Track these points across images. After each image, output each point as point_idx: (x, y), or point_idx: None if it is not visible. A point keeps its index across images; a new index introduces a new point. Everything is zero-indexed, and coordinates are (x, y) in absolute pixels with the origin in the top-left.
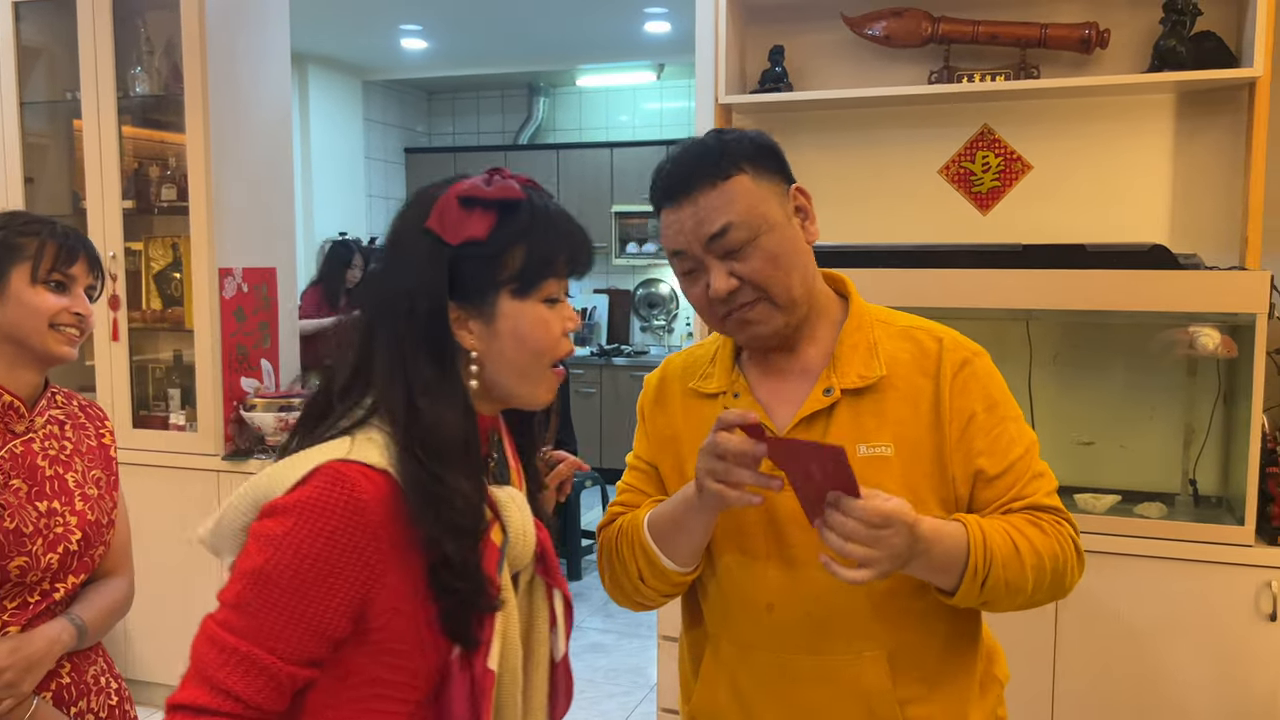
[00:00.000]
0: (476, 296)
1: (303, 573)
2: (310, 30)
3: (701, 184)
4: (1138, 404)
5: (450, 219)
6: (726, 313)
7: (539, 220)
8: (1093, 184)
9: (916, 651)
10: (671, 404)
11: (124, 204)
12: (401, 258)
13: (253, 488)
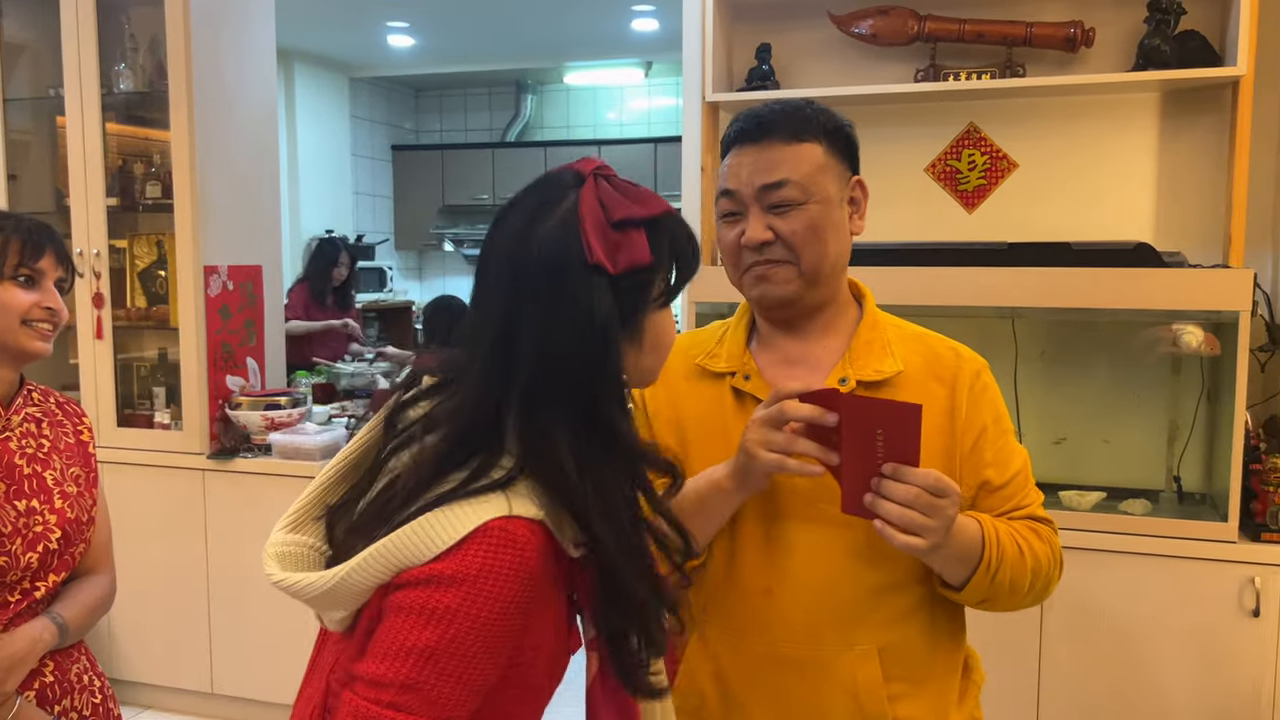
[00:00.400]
0: (632, 320)
1: (477, 643)
2: (296, 26)
3: (776, 136)
4: (1122, 401)
5: (610, 246)
6: (751, 264)
7: (678, 234)
8: (1078, 182)
9: (906, 649)
10: (674, 382)
11: (108, 201)
12: (566, 301)
13: (394, 548)
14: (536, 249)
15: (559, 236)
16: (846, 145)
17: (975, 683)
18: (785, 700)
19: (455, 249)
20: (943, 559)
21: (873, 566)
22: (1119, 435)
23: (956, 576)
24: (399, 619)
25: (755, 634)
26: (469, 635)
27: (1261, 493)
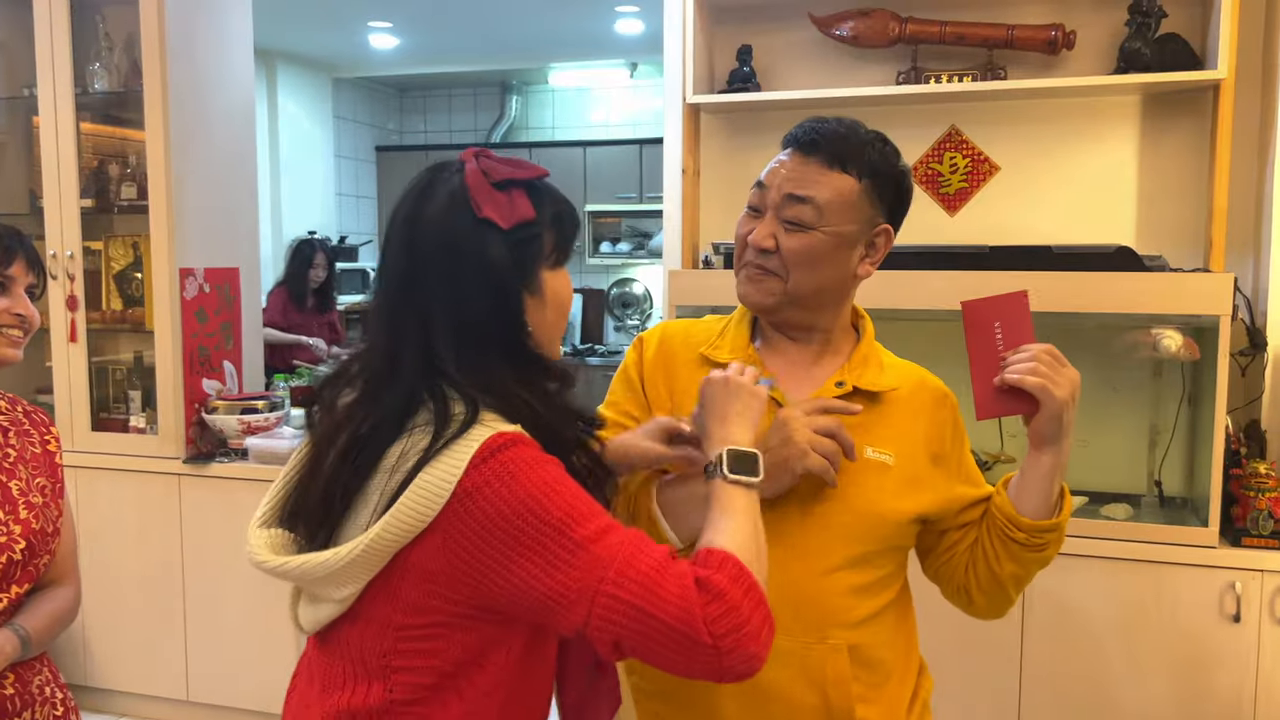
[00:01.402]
0: (529, 275)
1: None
2: (277, 26)
3: (821, 154)
4: (1104, 405)
5: (499, 203)
6: (747, 262)
7: (553, 194)
8: (1060, 185)
9: (872, 649)
10: (675, 369)
11: (83, 203)
12: (467, 257)
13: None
14: (431, 219)
15: (449, 205)
16: (891, 192)
17: (926, 688)
18: (755, 689)
19: None
20: (1058, 456)
21: (855, 567)
22: (1101, 439)
23: (1053, 494)
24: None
25: None
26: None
27: (1242, 497)
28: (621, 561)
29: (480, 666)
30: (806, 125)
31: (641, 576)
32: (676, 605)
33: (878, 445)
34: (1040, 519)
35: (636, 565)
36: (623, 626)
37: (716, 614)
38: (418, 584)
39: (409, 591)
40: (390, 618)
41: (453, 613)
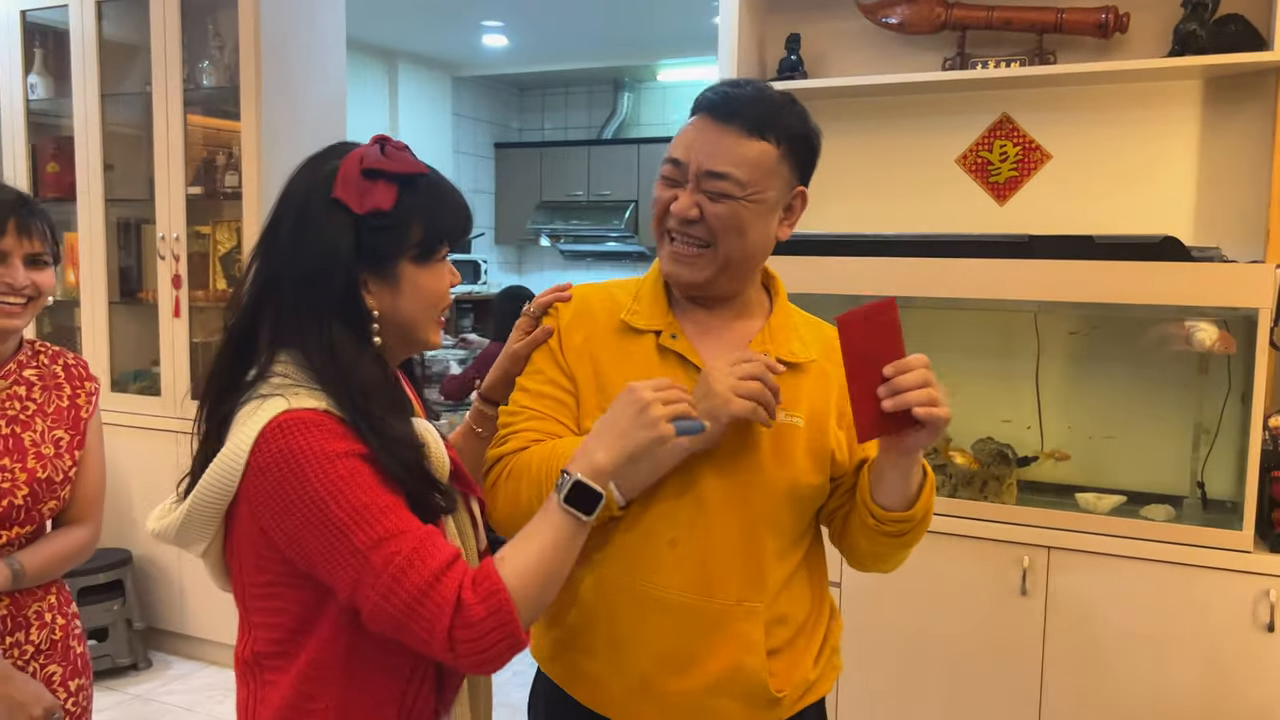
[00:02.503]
0: (381, 263)
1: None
2: (399, 27)
3: (739, 123)
4: (1146, 402)
5: (356, 189)
6: (670, 233)
7: (435, 194)
8: (1115, 174)
9: (785, 607)
10: (596, 331)
11: (192, 190)
12: (310, 226)
13: (217, 474)
14: (297, 186)
15: (314, 179)
16: (805, 154)
17: (835, 633)
18: (670, 645)
19: (551, 244)
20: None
21: (774, 532)
22: (1143, 438)
23: (917, 479)
24: (307, 535)
25: (655, 580)
26: (328, 478)
27: None
28: (391, 576)
29: (321, 619)
30: (720, 91)
31: (406, 595)
32: (428, 625)
33: (791, 410)
34: (897, 511)
35: (405, 582)
36: (383, 626)
37: (462, 637)
38: (245, 548)
39: (245, 552)
40: (240, 575)
41: (280, 571)
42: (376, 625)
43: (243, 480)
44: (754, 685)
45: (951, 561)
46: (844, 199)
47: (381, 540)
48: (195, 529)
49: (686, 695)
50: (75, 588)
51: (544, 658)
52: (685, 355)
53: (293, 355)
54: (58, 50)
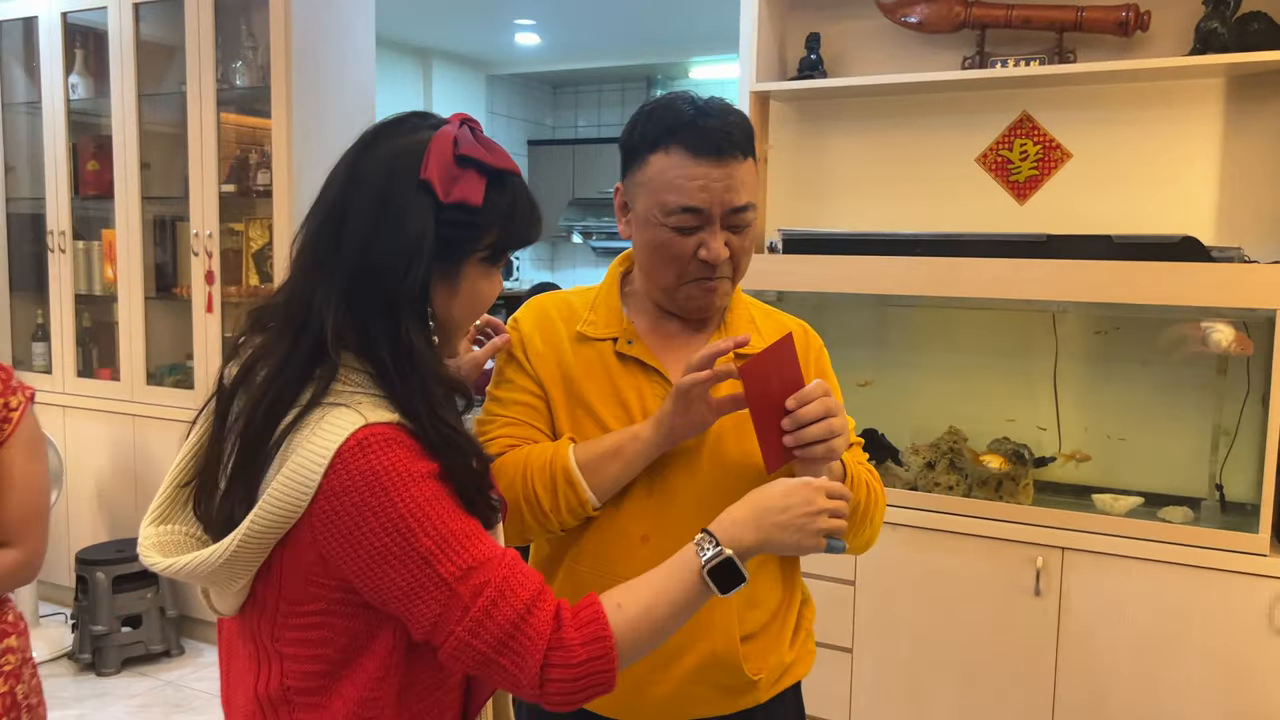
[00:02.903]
0: (450, 261)
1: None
2: (433, 26)
3: (736, 152)
4: (1164, 404)
5: (447, 174)
6: (700, 277)
7: (520, 199)
8: (1136, 173)
9: (758, 594)
10: (558, 342)
11: (226, 187)
12: (392, 209)
13: (285, 496)
14: (381, 152)
15: (403, 149)
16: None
17: (808, 617)
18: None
19: (584, 241)
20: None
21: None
22: (1160, 440)
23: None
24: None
25: (629, 575)
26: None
27: None
28: (481, 609)
29: (369, 651)
30: (711, 126)
31: (498, 629)
32: (520, 661)
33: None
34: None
35: (496, 616)
36: (467, 663)
37: (555, 676)
38: (295, 574)
39: (288, 582)
40: (277, 605)
41: (333, 599)
42: (458, 661)
43: (311, 505)
44: (730, 670)
45: (966, 561)
46: (863, 198)
47: (470, 570)
48: (244, 561)
49: (671, 686)
50: (110, 576)
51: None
52: (643, 360)
53: (356, 358)
54: (98, 51)
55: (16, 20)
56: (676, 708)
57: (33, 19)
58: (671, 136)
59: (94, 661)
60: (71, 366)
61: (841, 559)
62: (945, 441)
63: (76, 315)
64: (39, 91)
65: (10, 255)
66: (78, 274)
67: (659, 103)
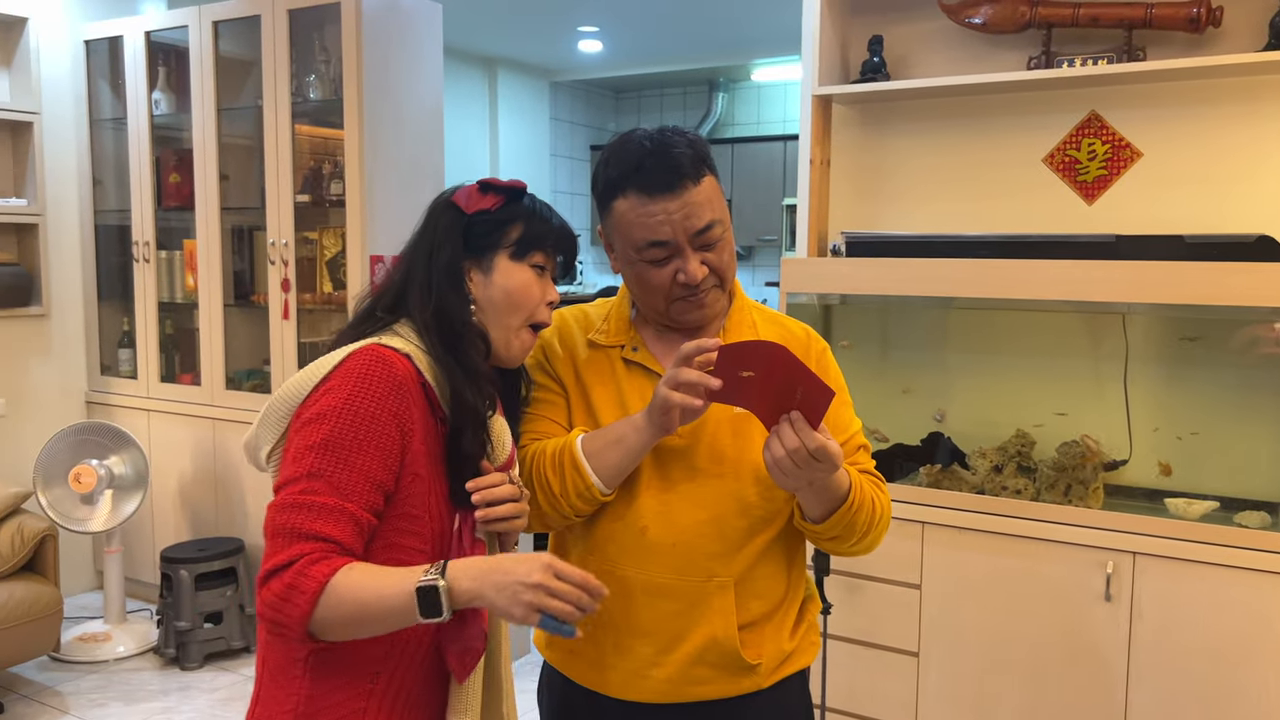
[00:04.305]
0: (481, 252)
1: (362, 433)
2: (498, 35)
3: (686, 180)
4: (1242, 406)
5: (470, 197)
6: (686, 296)
7: (535, 208)
8: (1208, 171)
9: (759, 584)
10: (574, 348)
11: (300, 198)
12: (429, 223)
13: (294, 384)
14: (433, 201)
15: (440, 200)
16: (713, 164)
17: (812, 611)
18: (655, 625)
19: None
20: (809, 496)
21: (740, 512)
22: (1237, 442)
23: (818, 511)
24: (297, 433)
25: (633, 565)
26: (354, 427)
27: None
28: (294, 504)
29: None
30: (654, 165)
31: (286, 523)
32: (271, 555)
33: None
34: (818, 524)
35: (294, 515)
36: (266, 524)
37: (272, 587)
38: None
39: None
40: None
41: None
42: (268, 516)
43: (315, 390)
44: (728, 654)
45: (1034, 565)
46: (928, 201)
47: (325, 475)
48: (266, 427)
49: (672, 669)
50: (192, 574)
51: (542, 645)
52: (647, 365)
53: (408, 320)
54: (179, 68)
55: (103, 40)
56: (678, 689)
57: (119, 38)
58: (626, 182)
59: (178, 656)
60: (155, 372)
61: (908, 561)
62: (1012, 445)
63: (160, 322)
64: (124, 108)
65: (99, 265)
66: (161, 283)
67: (613, 148)
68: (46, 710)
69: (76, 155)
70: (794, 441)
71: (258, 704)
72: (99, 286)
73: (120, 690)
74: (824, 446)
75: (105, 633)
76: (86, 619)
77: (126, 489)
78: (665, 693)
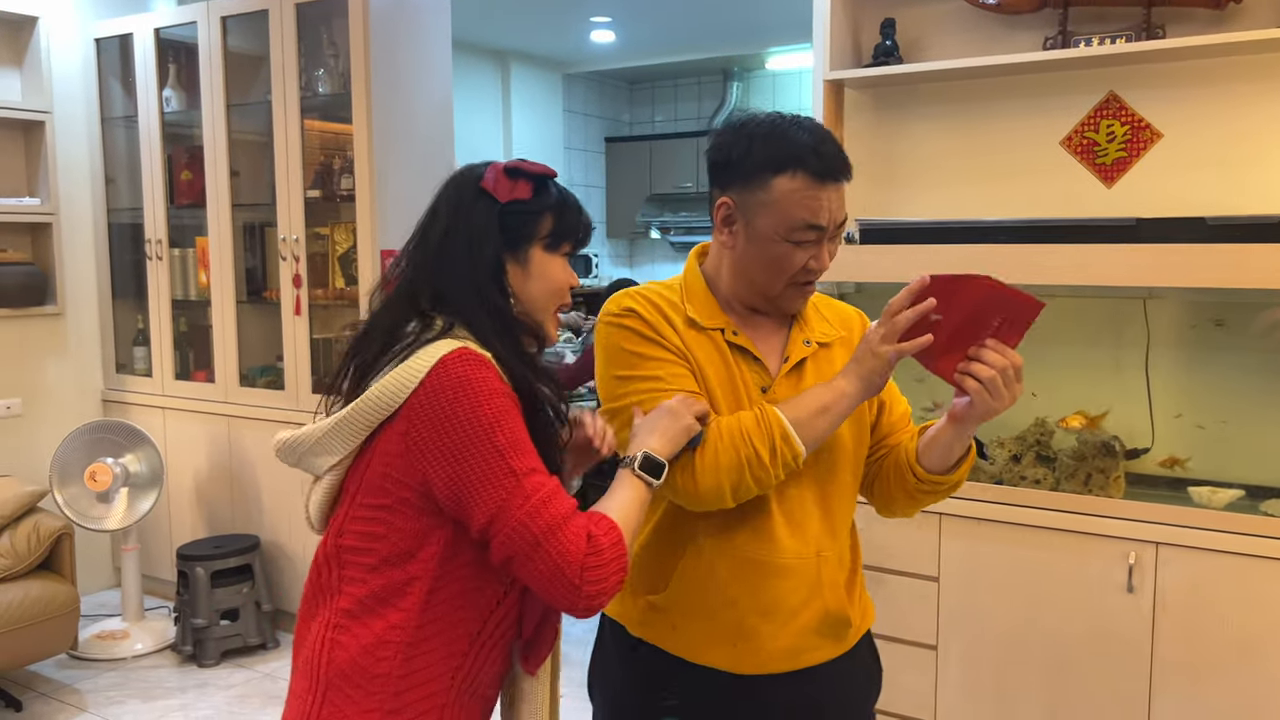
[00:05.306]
0: (518, 245)
1: (514, 423)
2: (510, 28)
3: (847, 176)
4: (1266, 390)
5: (501, 183)
6: (804, 281)
7: (564, 196)
8: (1231, 152)
9: (845, 554)
10: (677, 327)
11: (311, 193)
12: (463, 214)
13: (381, 394)
14: (454, 184)
15: (463, 182)
16: None
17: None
18: (768, 599)
19: (661, 236)
20: (958, 445)
21: (838, 489)
22: (1262, 428)
23: (958, 453)
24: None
25: (748, 544)
26: (510, 422)
27: None
28: (539, 500)
29: (415, 559)
30: (831, 152)
31: (550, 518)
32: (566, 549)
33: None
34: (937, 474)
35: (549, 508)
36: (518, 548)
37: (592, 565)
38: (378, 464)
39: (372, 472)
40: (355, 496)
41: (398, 496)
42: (509, 544)
43: (410, 398)
44: (839, 621)
45: (1054, 556)
46: (944, 185)
47: (533, 470)
48: (341, 438)
49: (788, 640)
50: (208, 571)
51: (633, 622)
52: (748, 348)
53: (455, 319)
54: (189, 65)
55: (114, 38)
56: (791, 658)
57: (129, 36)
58: (797, 162)
59: (195, 653)
60: (170, 369)
61: (925, 553)
62: (1031, 434)
63: (174, 320)
64: (135, 105)
65: (113, 263)
66: (174, 280)
67: (768, 125)
68: (65, 708)
69: (89, 154)
70: (1002, 361)
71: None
72: (113, 285)
73: (138, 688)
74: (1022, 365)
75: (123, 630)
76: (105, 616)
77: (142, 487)
78: (779, 663)
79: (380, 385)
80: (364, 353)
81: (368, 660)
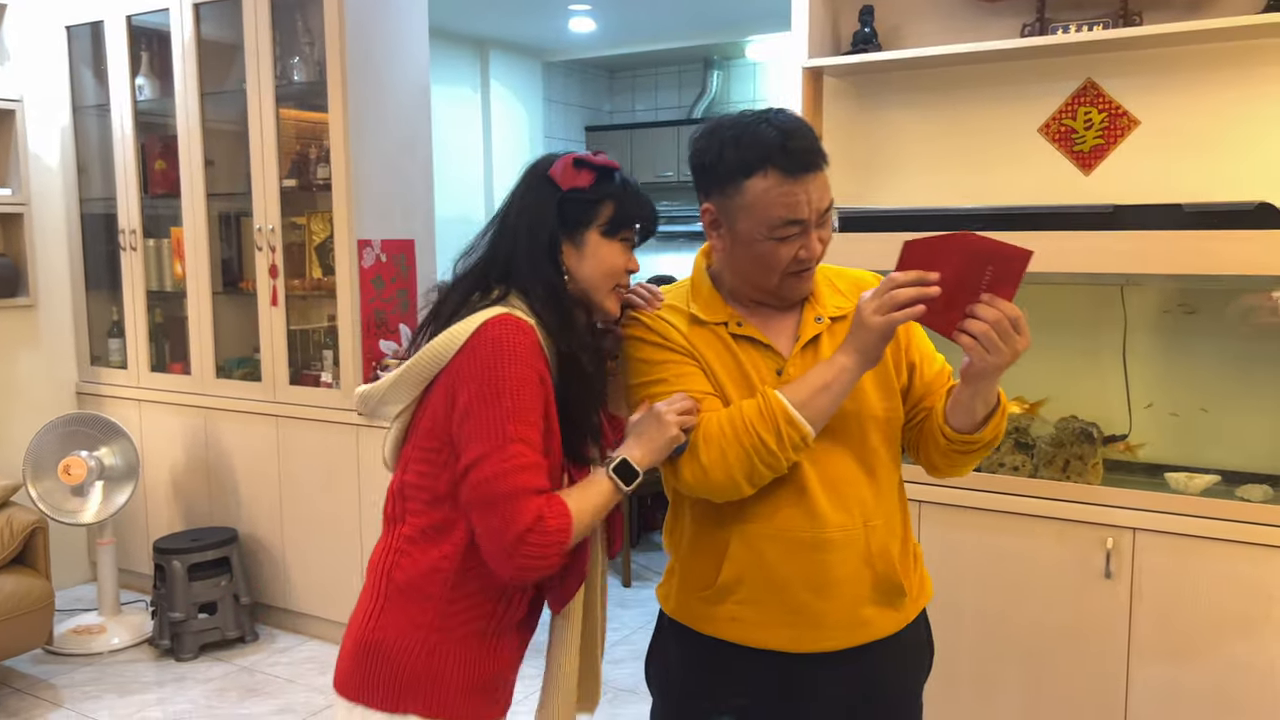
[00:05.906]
0: (574, 229)
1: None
2: (488, 16)
3: (821, 165)
4: (1241, 378)
5: (566, 173)
6: (800, 271)
7: (627, 187)
8: (1207, 138)
9: (894, 522)
10: (681, 327)
11: (287, 182)
12: (530, 198)
13: (436, 349)
14: (528, 171)
15: (542, 167)
16: None
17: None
18: (819, 575)
19: None
20: (978, 401)
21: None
22: (1238, 415)
23: (981, 413)
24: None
25: (790, 524)
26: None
27: None
28: (512, 466)
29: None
30: (799, 147)
31: (513, 486)
32: (513, 518)
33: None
34: (965, 433)
35: (517, 476)
36: (476, 499)
37: (532, 541)
38: (430, 412)
39: (426, 418)
40: (414, 439)
41: (443, 439)
42: (475, 492)
43: (456, 355)
44: (893, 587)
45: (1033, 543)
46: (921, 173)
47: (524, 440)
48: (403, 389)
49: (841, 612)
50: (185, 565)
51: (694, 618)
52: (754, 337)
53: (518, 292)
54: (162, 52)
55: (85, 25)
56: (849, 633)
57: (100, 23)
58: (765, 162)
59: (173, 647)
60: (145, 361)
61: None
62: (1009, 421)
63: (149, 311)
64: (108, 94)
65: (86, 254)
66: (149, 271)
67: (735, 128)
68: (40, 704)
69: (61, 143)
70: (995, 313)
71: (381, 614)
72: (87, 276)
73: (114, 682)
74: (1021, 316)
75: (99, 625)
76: (80, 611)
77: (117, 480)
78: (838, 639)
79: (432, 344)
80: (440, 315)
81: (422, 582)
